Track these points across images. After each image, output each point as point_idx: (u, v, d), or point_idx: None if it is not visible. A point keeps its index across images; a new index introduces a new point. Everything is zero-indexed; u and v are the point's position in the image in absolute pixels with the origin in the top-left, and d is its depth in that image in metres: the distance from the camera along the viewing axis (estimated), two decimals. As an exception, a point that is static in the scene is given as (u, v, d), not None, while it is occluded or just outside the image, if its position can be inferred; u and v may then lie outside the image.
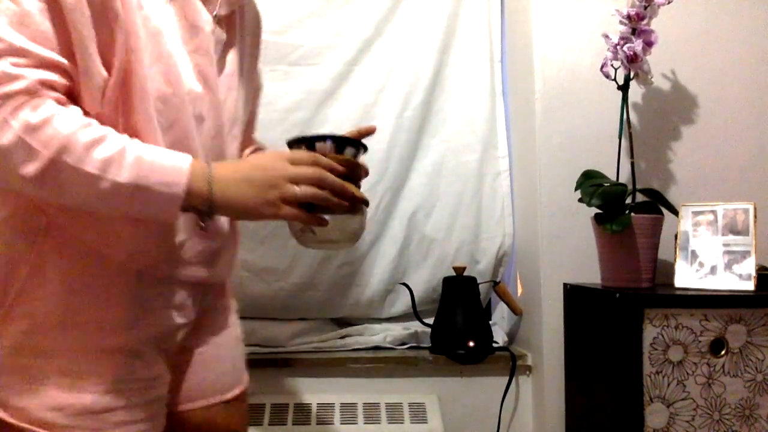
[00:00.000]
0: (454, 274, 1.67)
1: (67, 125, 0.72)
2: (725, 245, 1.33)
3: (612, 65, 1.41)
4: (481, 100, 1.79)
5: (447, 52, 1.79)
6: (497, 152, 1.79)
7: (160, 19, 0.81)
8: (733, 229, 1.33)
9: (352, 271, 1.74)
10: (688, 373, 1.19)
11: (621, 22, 1.38)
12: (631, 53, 1.35)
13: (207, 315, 0.99)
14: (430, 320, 1.69)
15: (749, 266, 1.30)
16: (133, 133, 0.79)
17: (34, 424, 0.76)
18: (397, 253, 1.74)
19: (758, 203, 1.36)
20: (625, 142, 1.43)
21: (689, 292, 1.27)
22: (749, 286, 1.29)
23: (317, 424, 1.50)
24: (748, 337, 1.20)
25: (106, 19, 0.76)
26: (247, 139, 1.10)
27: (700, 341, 1.20)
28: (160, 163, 0.76)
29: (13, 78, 0.71)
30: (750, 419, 1.20)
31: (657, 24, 1.37)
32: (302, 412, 1.53)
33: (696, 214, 1.38)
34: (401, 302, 1.75)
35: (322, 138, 0.89)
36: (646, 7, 1.36)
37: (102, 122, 0.77)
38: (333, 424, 1.50)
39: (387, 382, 1.60)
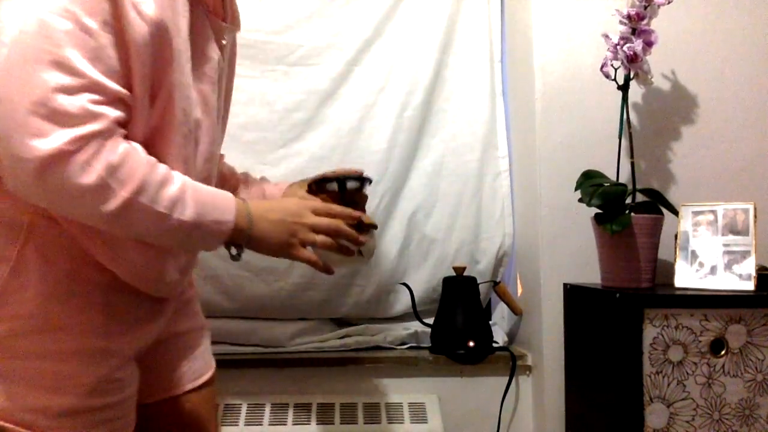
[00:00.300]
0: (454, 274, 1.67)
1: (140, 166, 0.76)
2: (725, 245, 1.33)
3: (612, 65, 1.41)
4: (481, 101, 1.79)
5: (447, 53, 1.79)
6: (497, 152, 1.79)
7: (186, 49, 0.85)
8: (733, 229, 1.33)
9: (352, 271, 1.74)
10: (688, 373, 1.19)
11: (621, 22, 1.38)
12: (631, 53, 1.35)
13: (177, 308, 1.02)
14: (430, 320, 1.69)
15: (749, 266, 1.30)
16: (163, 160, 0.82)
17: (17, 425, 0.77)
18: (397, 253, 1.74)
19: (758, 203, 1.36)
20: (625, 142, 1.43)
21: (689, 292, 1.27)
22: (749, 286, 1.29)
23: (317, 424, 1.50)
24: (748, 337, 1.20)
25: (162, 55, 0.80)
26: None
27: (700, 341, 1.20)
28: (213, 202, 0.84)
29: (94, 117, 0.73)
30: (750, 419, 1.20)
31: (657, 24, 1.38)
32: (302, 412, 1.53)
33: (696, 214, 1.38)
34: (401, 302, 1.75)
35: (343, 179, 1.07)
36: (646, 7, 1.36)
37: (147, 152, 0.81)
38: (333, 424, 1.50)
39: (387, 382, 1.60)
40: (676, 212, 1.41)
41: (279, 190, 1.16)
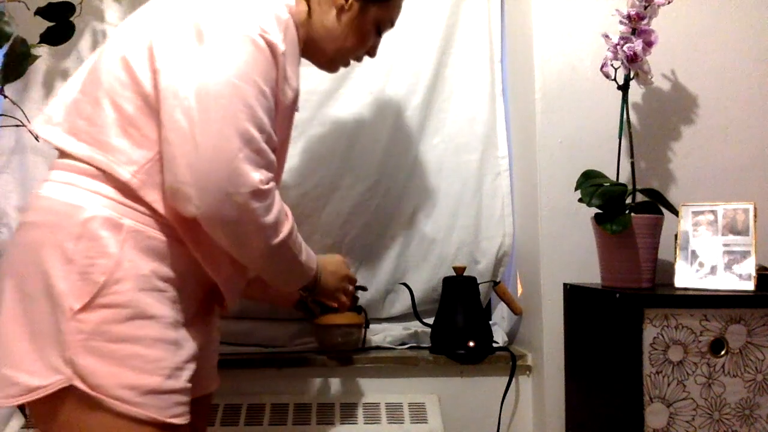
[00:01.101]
0: (454, 274, 1.67)
1: (288, 216, 1.00)
2: (725, 245, 1.33)
3: (612, 65, 1.41)
4: (481, 100, 1.79)
5: (447, 53, 1.79)
6: (497, 152, 1.79)
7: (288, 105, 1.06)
8: (733, 229, 1.33)
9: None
10: (688, 373, 1.19)
11: (621, 22, 1.38)
12: (631, 53, 1.35)
13: (206, 316, 1.14)
14: (430, 320, 1.69)
15: (749, 266, 1.30)
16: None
17: (113, 399, 0.89)
18: (397, 253, 1.74)
19: (758, 203, 1.36)
20: (625, 142, 1.43)
21: (689, 292, 1.27)
22: (749, 286, 1.29)
23: (317, 424, 1.50)
24: (748, 337, 1.20)
25: (290, 117, 1.06)
26: None
27: (700, 341, 1.20)
28: (309, 253, 1.10)
29: (270, 165, 0.94)
30: (750, 419, 1.20)
31: (657, 24, 1.38)
32: (302, 412, 1.53)
33: (696, 214, 1.38)
34: (401, 302, 1.75)
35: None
36: (646, 7, 1.36)
37: None
38: (333, 424, 1.50)
39: (387, 382, 1.60)
40: (676, 212, 1.41)
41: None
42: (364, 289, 1.57)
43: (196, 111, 0.89)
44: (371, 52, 1.28)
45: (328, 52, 1.17)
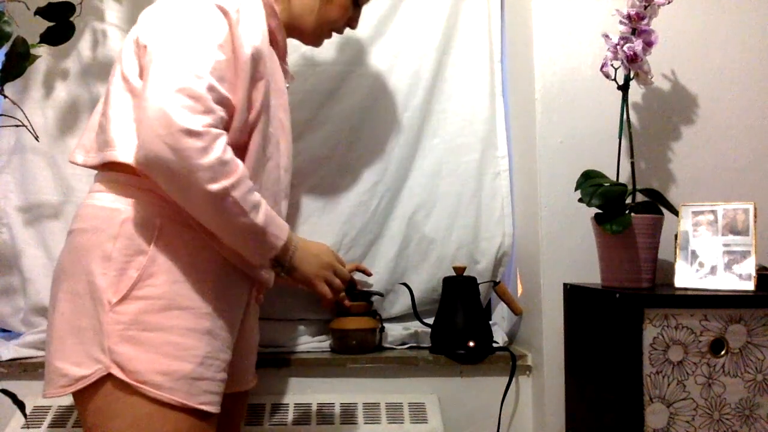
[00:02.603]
0: (454, 274, 1.67)
1: (240, 170, 0.98)
2: (725, 245, 1.33)
3: (612, 65, 1.41)
4: (481, 101, 1.79)
5: (447, 53, 1.79)
6: (497, 152, 1.79)
7: (274, 82, 1.14)
8: (733, 229, 1.33)
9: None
10: (688, 373, 1.19)
11: (621, 22, 1.38)
12: (631, 53, 1.35)
13: (247, 314, 1.20)
14: (430, 320, 1.69)
15: (749, 266, 1.30)
16: (262, 150, 1.09)
17: (147, 385, 0.95)
18: (396, 253, 1.74)
19: (758, 203, 1.36)
20: (625, 142, 1.43)
21: (689, 292, 1.27)
22: (749, 286, 1.29)
23: (317, 424, 1.50)
24: (748, 337, 1.20)
25: (255, 76, 1.05)
26: None
27: (700, 341, 1.20)
28: (275, 220, 1.05)
29: (210, 111, 0.95)
30: (750, 419, 1.20)
31: (657, 24, 1.37)
32: (302, 412, 1.53)
33: (696, 214, 1.38)
34: (401, 302, 1.75)
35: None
36: (646, 7, 1.36)
37: (244, 145, 1.06)
38: (333, 424, 1.50)
39: (387, 382, 1.60)
40: (676, 212, 1.41)
41: None
42: (381, 295, 1.61)
43: (148, 71, 0.97)
44: (352, 24, 1.36)
45: (309, 25, 1.27)
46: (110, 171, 1.07)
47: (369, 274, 1.63)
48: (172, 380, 0.96)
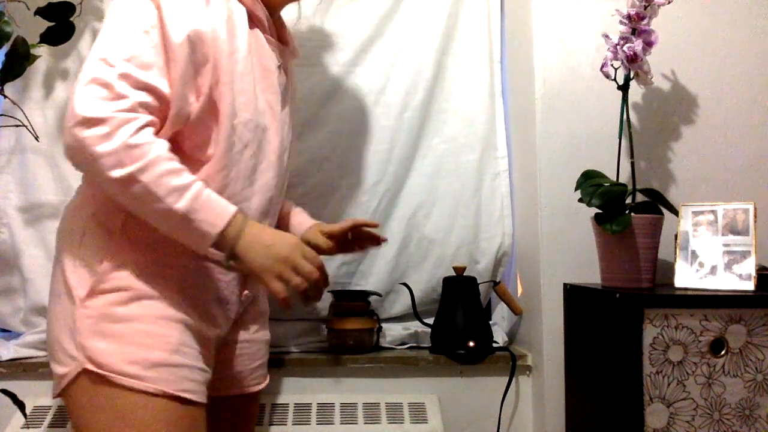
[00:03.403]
0: (454, 274, 1.67)
1: (155, 153, 0.93)
2: (725, 245, 1.33)
3: (612, 65, 1.41)
4: (481, 101, 1.79)
5: (447, 53, 1.79)
6: (497, 152, 1.79)
7: (246, 64, 1.07)
8: (733, 229, 1.33)
9: (351, 271, 1.74)
10: (688, 373, 1.19)
11: (621, 22, 1.38)
12: (631, 53, 1.35)
13: (248, 315, 1.21)
14: (430, 320, 1.69)
15: (749, 266, 1.30)
16: (215, 144, 1.03)
17: (122, 375, 0.95)
18: (396, 253, 1.74)
19: (758, 203, 1.36)
20: (625, 142, 1.43)
21: (689, 292, 1.27)
22: (749, 286, 1.29)
23: (317, 424, 1.50)
24: (748, 337, 1.20)
25: (197, 60, 1.00)
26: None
27: (700, 341, 1.20)
28: (211, 206, 0.96)
29: (120, 96, 0.92)
30: (750, 419, 1.20)
31: (657, 24, 1.37)
32: (302, 412, 1.53)
33: (696, 214, 1.38)
34: (401, 302, 1.75)
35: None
36: (646, 7, 1.36)
37: (187, 137, 1.02)
38: (333, 424, 1.50)
39: (387, 382, 1.60)
40: (676, 212, 1.41)
41: (299, 225, 1.37)
42: (378, 294, 1.61)
43: None
44: None
45: None
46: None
47: (379, 241, 1.39)
48: (145, 368, 0.95)
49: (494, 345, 1.65)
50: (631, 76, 1.40)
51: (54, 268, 1.06)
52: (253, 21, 1.12)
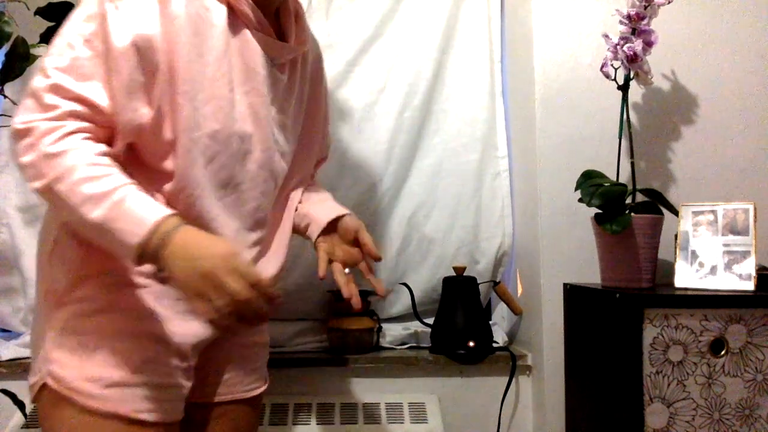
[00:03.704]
0: (454, 274, 1.67)
1: (73, 160, 0.86)
2: (725, 245, 1.33)
3: (612, 65, 1.41)
4: (481, 101, 1.79)
5: (447, 53, 1.79)
6: (497, 152, 1.79)
7: (219, 67, 0.96)
8: (733, 229, 1.33)
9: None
10: (688, 373, 1.19)
11: (621, 22, 1.38)
12: (631, 53, 1.35)
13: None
14: (430, 320, 1.69)
15: (749, 266, 1.30)
16: (174, 159, 0.95)
17: (75, 393, 0.90)
18: (396, 253, 1.74)
19: (758, 203, 1.36)
20: (625, 142, 1.43)
21: (689, 292, 1.27)
22: (749, 286, 1.29)
23: (317, 424, 1.50)
24: (748, 337, 1.20)
25: (147, 68, 0.92)
26: (307, 167, 1.23)
27: (700, 341, 1.20)
28: (132, 214, 0.86)
29: (49, 108, 0.88)
30: (750, 419, 1.20)
31: (657, 24, 1.38)
32: (302, 412, 1.53)
33: (696, 214, 1.38)
34: (401, 302, 1.75)
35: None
36: (646, 7, 1.36)
37: (138, 150, 0.95)
38: (333, 424, 1.50)
39: (387, 382, 1.60)
40: (676, 212, 1.41)
41: (326, 213, 1.20)
42: (375, 294, 1.57)
43: None
44: None
45: None
46: None
47: (377, 258, 1.21)
48: (102, 387, 0.90)
49: (494, 345, 1.65)
50: (631, 76, 1.40)
51: (36, 275, 1.04)
52: (238, 18, 1.00)
